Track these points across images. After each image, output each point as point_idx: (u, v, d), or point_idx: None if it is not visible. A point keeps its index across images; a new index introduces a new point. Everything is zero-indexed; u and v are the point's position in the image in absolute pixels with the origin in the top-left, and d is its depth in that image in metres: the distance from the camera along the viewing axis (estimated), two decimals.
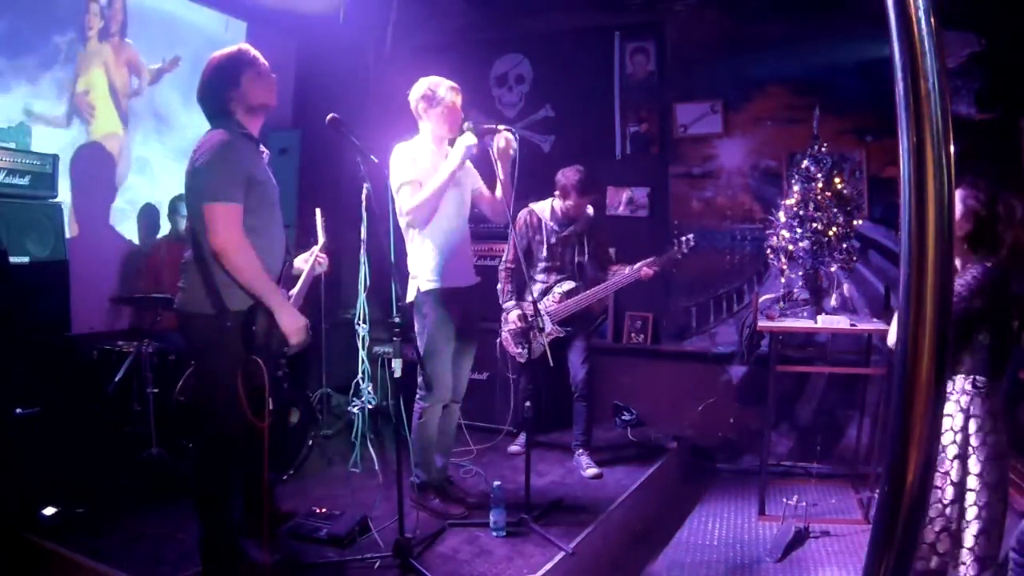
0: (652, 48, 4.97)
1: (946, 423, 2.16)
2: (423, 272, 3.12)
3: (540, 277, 3.88)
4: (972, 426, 2.15)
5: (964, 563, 2.10)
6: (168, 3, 4.68)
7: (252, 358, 2.31)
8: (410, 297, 3.15)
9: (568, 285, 3.85)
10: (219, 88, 2.41)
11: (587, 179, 3.76)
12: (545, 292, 3.86)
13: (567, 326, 3.83)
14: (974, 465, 2.14)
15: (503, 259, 3.95)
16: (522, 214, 3.89)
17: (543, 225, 3.89)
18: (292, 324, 2.40)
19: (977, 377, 2.16)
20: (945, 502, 2.17)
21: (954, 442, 2.18)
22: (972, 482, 2.13)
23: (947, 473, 2.18)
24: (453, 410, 3.33)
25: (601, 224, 4.04)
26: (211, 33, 4.90)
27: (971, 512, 2.12)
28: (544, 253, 3.88)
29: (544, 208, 3.92)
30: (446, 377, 3.17)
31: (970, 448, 2.15)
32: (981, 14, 3.98)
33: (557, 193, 3.84)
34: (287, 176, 5.14)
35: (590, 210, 3.94)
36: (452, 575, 2.67)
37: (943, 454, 2.17)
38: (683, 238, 3.82)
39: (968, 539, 2.11)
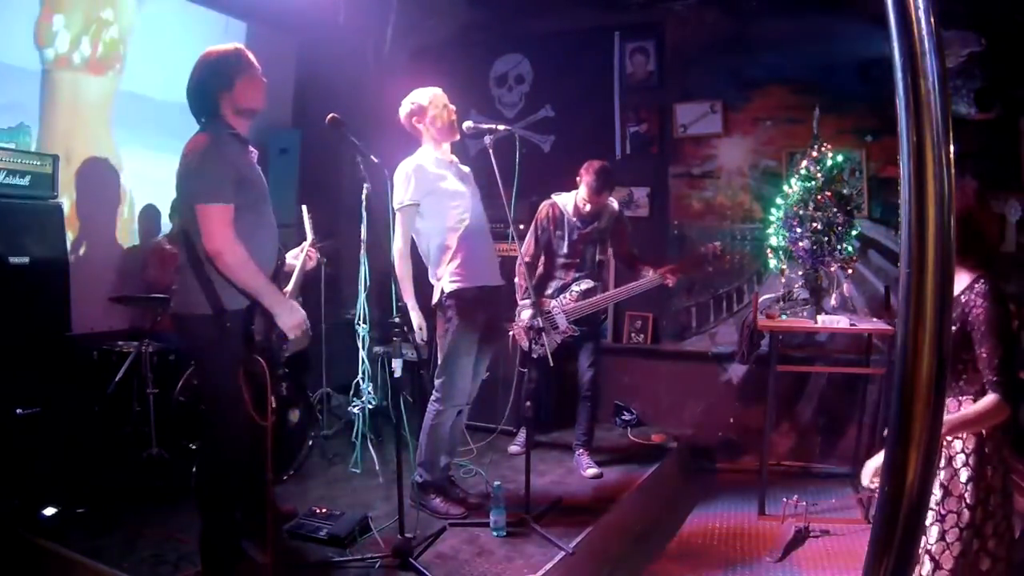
0: (652, 48, 4.97)
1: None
2: (446, 273, 3.10)
3: (558, 273, 3.80)
4: (958, 461, 1.96)
5: None
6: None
7: (254, 356, 2.31)
8: (434, 299, 3.14)
9: (586, 284, 3.77)
10: (211, 87, 2.40)
11: (605, 176, 3.64)
12: (562, 289, 3.79)
13: (581, 326, 3.77)
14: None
15: (520, 253, 3.87)
16: (544, 207, 3.82)
17: (565, 220, 3.78)
18: (290, 320, 2.40)
19: (963, 400, 1.96)
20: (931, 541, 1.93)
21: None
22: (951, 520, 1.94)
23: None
24: (464, 412, 3.33)
25: (625, 220, 3.94)
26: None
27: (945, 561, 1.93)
28: (565, 249, 3.78)
29: (567, 202, 3.80)
30: (465, 382, 3.16)
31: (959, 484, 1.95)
32: (981, 14, 3.98)
33: (581, 182, 3.70)
34: (287, 176, 5.14)
35: (615, 205, 3.84)
36: (452, 575, 2.67)
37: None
38: (710, 245, 3.83)
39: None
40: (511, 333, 3.96)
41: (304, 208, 2.97)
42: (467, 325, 3.09)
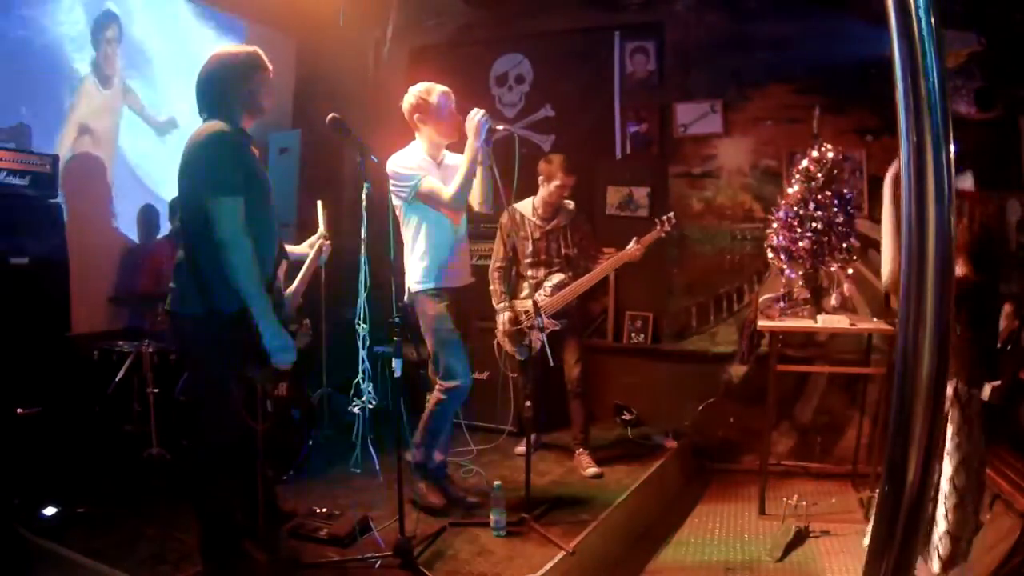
0: (652, 48, 4.96)
1: None
2: (415, 273, 3.17)
3: (529, 273, 3.91)
4: (948, 429, 2.15)
5: (928, 560, 2.12)
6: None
7: (245, 361, 2.29)
8: (405, 296, 3.17)
9: (557, 278, 3.88)
10: (229, 83, 2.40)
11: (570, 159, 3.87)
12: (536, 287, 3.88)
13: (560, 318, 3.84)
14: (947, 468, 2.14)
15: (492, 260, 3.97)
16: (505, 213, 3.89)
17: (526, 222, 3.93)
18: (275, 341, 2.31)
19: (959, 385, 2.16)
20: None
21: None
22: (944, 485, 2.13)
23: None
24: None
25: (582, 216, 4.07)
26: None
27: (939, 511, 2.12)
28: (530, 249, 3.91)
29: (525, 206, 3.96)
30: (463, 363, 3.20)
31: (944, 452, 2.15)
32: (981, 14, 3.98)
33: (541, 179, 3.87)
34: (287, 176, 5.14)
35: (570, 204, 3.97)
36: (452, 575, 2.67)
37: None
38: (664, 217, 3.90)
39: (934, 538, 2.12)
40: (495, 341, 3.99)
41: (319, 204, 2.99)
42: (443, 312, 3.15)
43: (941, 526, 2.12)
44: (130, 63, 4.56)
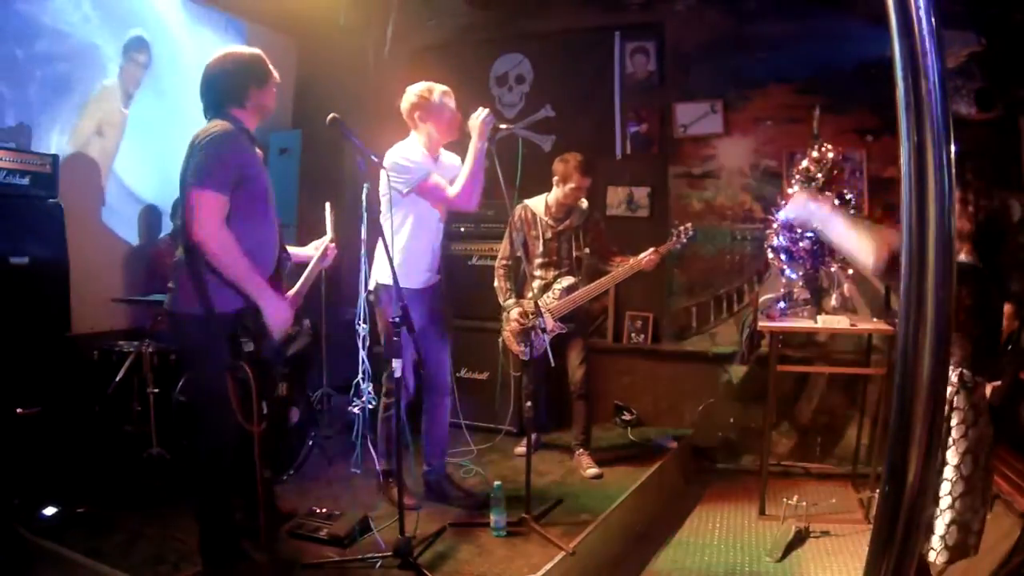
0: (652, 48, 4.96)
1: None
2: (382, 268, 3.10)
3: (538, 273, 3.88)
4: (954, 418, 2.15)
5: (935, 550, 2.11)
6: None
7: (239, 363, 2.29)
8: (370, 285, 3.14)
9: (567, 281, 3.84)
10: (244, 81, 2.42)
11: (587, 161, 3.82)
12: (544, 288, 3.85)
13: (568, 322, 3.82)
14: (952, 457, 2.13)
15: (498, 256, 3.96)
16: (516, 210, 3.85)
17: (538, 220, 3.89)
18: (274, 316, 2.37)
19: (964, 371, 2.17)
20: None
21: None
22: (948, 472, 2.13)
23: None
24: (439, 405, 3.33)
25: (596, 217, 4.03)
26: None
27: (944, 502, 2.12)
28: (540, 248, 3.87)
29: (538, 204, 3.92)
30: (404, 375, 3.09)
31: (950, 439, 2.15)
32: (981, 14, 3.98)
33: (556, 179, 3.83)
34: (287, 176, 5.15)
35: (584, 204, 3.94)
36: (452, 575, 2.67)
37: None
38: (680, 228, 3.87)
39: (940, 527, 2.11)
40: (500, 339, 3.98)
41: (328, 206, 2.97)
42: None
43: (947, 516, 2.12)
44: (146, 84, 4.58)
